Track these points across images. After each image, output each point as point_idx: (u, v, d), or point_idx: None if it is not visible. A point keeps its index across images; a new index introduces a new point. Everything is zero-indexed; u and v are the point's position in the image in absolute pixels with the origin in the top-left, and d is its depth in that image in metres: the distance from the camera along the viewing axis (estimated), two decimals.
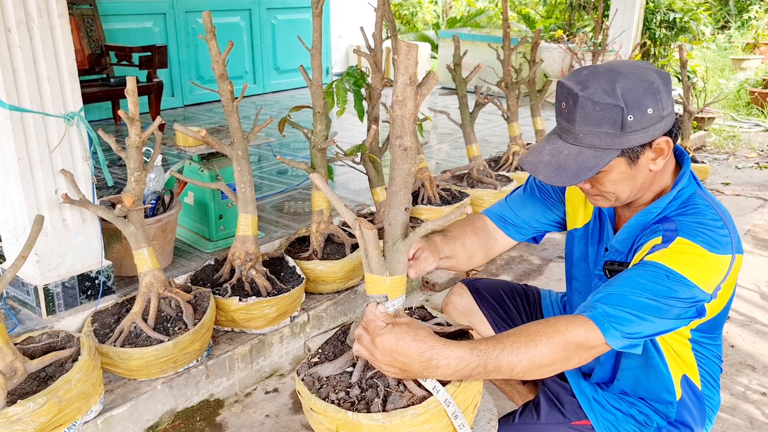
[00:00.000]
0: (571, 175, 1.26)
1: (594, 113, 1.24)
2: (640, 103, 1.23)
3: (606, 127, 1.24)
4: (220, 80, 2.31)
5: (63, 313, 2.27)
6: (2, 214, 2.22)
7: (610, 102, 1.22)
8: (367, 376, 1.29)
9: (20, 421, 1.68)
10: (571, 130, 1.28)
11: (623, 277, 1.26)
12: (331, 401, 1.26)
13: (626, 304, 1.21)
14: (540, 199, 1.65)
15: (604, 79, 1.26)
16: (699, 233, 1.26)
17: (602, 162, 1.25)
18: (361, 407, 1.24)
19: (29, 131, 2.07)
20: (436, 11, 11.96)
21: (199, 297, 2.34)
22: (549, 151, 1.31)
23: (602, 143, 1.25)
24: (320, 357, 1.39)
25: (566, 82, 1.29)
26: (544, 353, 1.18)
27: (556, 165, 1.28)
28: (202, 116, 5.96)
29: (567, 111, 1.28)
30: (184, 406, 2.28)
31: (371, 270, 1.21)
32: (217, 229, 2.91)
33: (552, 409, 1.50)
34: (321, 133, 2.64)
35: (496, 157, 4.35)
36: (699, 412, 1.50)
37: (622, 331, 1.20)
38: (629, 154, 1.27)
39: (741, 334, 2.87)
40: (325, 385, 1.31)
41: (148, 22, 5.97)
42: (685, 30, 6.81)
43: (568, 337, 1.19)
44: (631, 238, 1.40)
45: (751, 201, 4.77)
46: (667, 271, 1.22)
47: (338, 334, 1.47)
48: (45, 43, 2.06)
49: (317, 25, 2.47)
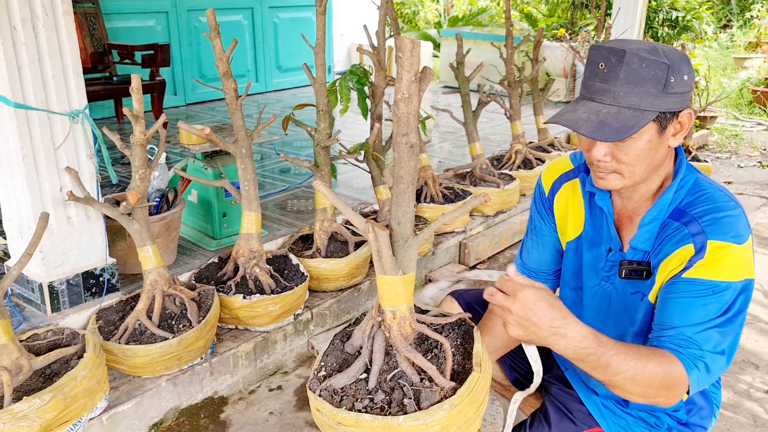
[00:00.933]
0: (613, 131, 1.22)
1: (639, 70, 1.21)
2: (680, 66, 1.23)
3: (649, 86, 1.22)
4: (224, 78, 2.32)
5: (68, 311, 2.27)
6: (7, 211, 2.23)
7: (656, 59, 1.21)
8: (387, 378, 1.25)
9: (26, 418, 1.69)
10: (610, 90, 1.24)
11: (680, 308, 1.26)
12: (358, 411, 1.20)
13: (713, 348, 1.23)
14: (543, 236, 1.61)
15: (641, 42, 1.25)
16: (724, 229, 1.26)
17: (641, 122, 1.22)
18: (395, 410, 1.19)
19: (34, 129, 2.07)
20: (437, 10, 11.96)
21: (203, 294, 2.34)
22: (585, 110, 1.27)
23: (642, 103, 1.22)
24: (326, 370, 1.32)
25: (605, 44, 1.26)
26: (645, 374, 1.18)
27: (596, 121, 1.24)
28: (205, 115, 5.96)
29: (606, 70, 1.24)
30: (188, 403, 2.28)
31: (385, 271, 1.19)
32: (220, 226, 2.91)
33: (562, 418, 1.50)
34: (324, 132, 2.64)
35: (499, 155, 4.34)
36: (707, 411, 1.51)
37: (705, 382, 1.23)
38: (662, 119, 1.25)
39: (744, 333, 2.86)
40: (344, 396, 1.25)
41: (151, 21, 5.97)
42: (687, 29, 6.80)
43: (667, 375, 1.20)
44: (653, 236, 1.38)
45: (754, 200, 4.77)
46: (712, 286, 1.24)
47: (335, 344, 1.40)
48: (50, 41, 2.06)
49: (321, 23, 2.47)
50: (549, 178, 1.58)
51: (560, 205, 1.56)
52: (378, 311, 1.26)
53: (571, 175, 1.55)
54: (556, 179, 1.57)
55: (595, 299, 1.52)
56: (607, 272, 1.48)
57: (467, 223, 3.61)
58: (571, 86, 6.85)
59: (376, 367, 1.26)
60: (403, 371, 1.25)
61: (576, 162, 1.55)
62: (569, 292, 1.61)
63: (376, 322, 1.27)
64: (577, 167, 1.55)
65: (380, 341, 1.26)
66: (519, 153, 4.15)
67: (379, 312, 1.26)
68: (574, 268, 1.57)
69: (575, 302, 1.60)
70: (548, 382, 1.61)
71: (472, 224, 3.65)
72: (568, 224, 1.55)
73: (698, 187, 1.35)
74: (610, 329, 1.45)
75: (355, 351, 1.33)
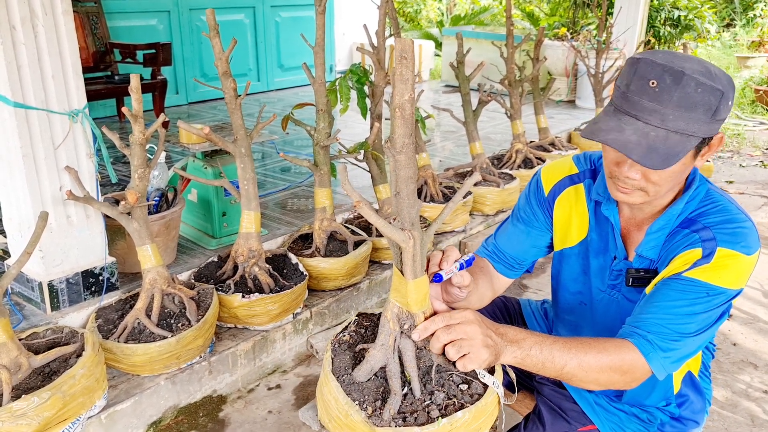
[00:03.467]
0: (661, 159, 1.17)
1: (694, 95, 1.16)
2: (729, 93, 1.19)
3: (699, 112, 1.17)
4: (223, 78, 2.32)
5: (67, 309, 2.28)
6: (7, 210, 2.24)
7: (712, 85, 1.16)
8: (431, 379, 1.21)
9: (25, 416, 1.70)
10: (659, 111, 1.17)
11: (665, 299, 1.26)
12: (440, 417, 1.14)
13: (672, 333, 1.23)
14: (528, 228, 1.58)
15: (694, 61, 1.19)
16: (736, 239, 1.25)
17: (687, 149, 1.18)
18: (463, 401, 1.17)
19: (34, 128, 2.08)
20: (439, 9, 11.95)
21: (202, 293, 2.35)
22: (632, 130, 1.20)
23: (689, 129, 1.18)
24: (369, 405, 1.21)
25: (658, 60, 1.19)
26: (591, 362, 1.20)
27: (646, 146, 1.18)
28: (206, 113, 5.97)
29: (659, 90, 1.17)
30: (187, 401, 2.29)
31: (417, 274, 1.16)
32: (220, 226, 2.92)
33: (556, 418, 1.50)
34: (324, 131, 2.64)
35: (499, 154, 4.35)
36: (699, 405, 1.52)
37: (667, 362, 1.23)
38: (700, 144, 1.21)
39: (743, 332, 2.87)
40: (414, 415, 1.17)
41: (153, 20, 5.98)
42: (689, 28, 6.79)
43: (616, 360, 1.21)
44: (659, 244, 1.37)
45: (755, 199, 4.77)
46: (708, 288, 1.24)
47: (343, 380, 1.26)
48: (49, 41, 2.07)
49: (320, 23, 2.47)
50: (551, 178, 1.54)
51: (562, 209, 1.52)
52: (398, 321, 1.22)
53: (575, 179, 1.51)
54: (558, 181, 1.53)
55: (602, 306, 1.52)
56: (613, 280, 1.47)
57: (467, 222, 3.61)
58: (573, 85, 6.84)
59: (415, 375, 1.21)
60: (440, 364, 1.22)
61: (581, 167, 1.52)
62: (568, 296, 1.61)
63: (398, 333, 1.24)
64: (582, 172, 1.51)
65: (410, 349, 1.21)
66: (519, 152, 4.15)
67: (405, 319, 1.22)
68: (575, 273, 1.56)
69: (574, 307, 1.60)
70: (540, 384, 1.61)
71: (472, 223, 3.65)
72: (571, 230, 1.52)
73: (710, 198, 1.34)
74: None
75: (373, 374, 1.25)
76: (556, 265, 1.61)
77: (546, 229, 1.57)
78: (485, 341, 1.13)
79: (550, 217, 1.55)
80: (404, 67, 1.06)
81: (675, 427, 1.50)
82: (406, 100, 1.07)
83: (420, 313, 1.20)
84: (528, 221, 1.57)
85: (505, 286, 1.63)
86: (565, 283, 1.60)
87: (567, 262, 1.56)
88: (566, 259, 1.56)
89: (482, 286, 1.53)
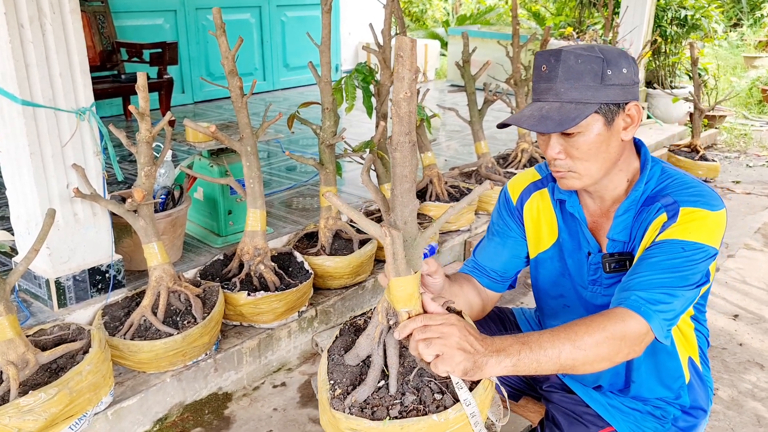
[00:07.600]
0: (555, 123, 1.28)
1: (576, 66, 1.28)
2: (617, 60, 1.29)
3: (587, 80, 1.28)
4: (229, 76, 2.33)
5: (74, 306, 2.30)
6: (15, 207, 2.25)
7: (591, 54, 1.29)
8: (409, 379, 1.22)
9: (32, 412, 1.71)
10: (552, 88, 1.31)
11: (645, 263, 1.28)
12: (396, 417, 1.14)
13: (657, 286, 1.24)
14: (503, 240, 1.60)
15: (581, 46, 1.34)
16: (696, 198, 1.32)
17: (583, 113, 1.28)
18: (434, 407, 1.16)
19: (41, 126, 2.09)
20: (445, 8, 11.94)
21: (208, 291, 2.36)
22: (530, 109, 1.34)
23: (582, 97, 1.29)
24: (340, 387, 1.25)
25: (546, 50, 1.35)
26: (586, 340, 1.16)
27: (539, 116, 1.30)
28: (212, 112, 5.99)
29: (547, 71, 1.32)
30: (192, 399, 2.30)
31: (399, 273, 1.16)
32: (226, 224, 2.93)
33: (572, 423, 1.49)
34: (329, 130, 2.65)
35: (505, 154, 4.34)
36: (705, 394, 1.53)
37: (661, 317, 1.22)
38: (606, 112, 1.30)
39: (749, 332, 2.86)
40: (375, 408, 1.18)
41: (159, 19, 6.00)
42: (696, 27, 6.74)
43: (610, 328, 1.18)
44: (629, 225, 1.42)
45: (762, 199, 4.75)
46: (681, 244, 1.27)
47: (334, 359, 1.32)
48: (57, 39, 2.08)
49: (326, 22, 2.48)
50: (516, 188, 1.61)
51: (530, 214, 1.58)
52: (386, 315, 1.23)
53: (539, 184, 1.58)
54: (524, 189, 1.59)
55: (586, 304, 1.53)
56: (592, 275, 1.49)
57: (472, 222, 3.61)
58: None
59: (394, 371, 1.22)
60: (423, 369, 1.22)
61: (543, 173, 1.59)
62: (551, 302, 1.63)
63: (385, 327, 1.25)
64: (545, 177, 1.58)
65: (393, 344, 1.22)
66: (525, 152, 4.15)
67: (392, 315, 1.23)
68: (553, 277, 1.58)
69: (558, 311, 1.62)
70: (548, 391, 1.61)
71: (477, 223, 3.65)
72: (541, 233, 1.57)
73: (666, 174, 1.41)
74: None
75: (360, 361, 1.28)
76: (534, 272, 1.63)
77: (521, 237, 1.61)
78: (461, 344, 1.10)
79: (522, 226, 1.60)
80: (401, 65, 1.07)
81: (687, 420, 1.51)
82: (402, 98, 1.08)
83: (403, 311, 1.19)
84: (503, 233, 1.62)
85: (494, 299, 1.66)
86: (545, 289, 1.62)
87: (543, 266, 1.59)
88: (542, 264, 1.59)
89: (469, 293, 1.57)
